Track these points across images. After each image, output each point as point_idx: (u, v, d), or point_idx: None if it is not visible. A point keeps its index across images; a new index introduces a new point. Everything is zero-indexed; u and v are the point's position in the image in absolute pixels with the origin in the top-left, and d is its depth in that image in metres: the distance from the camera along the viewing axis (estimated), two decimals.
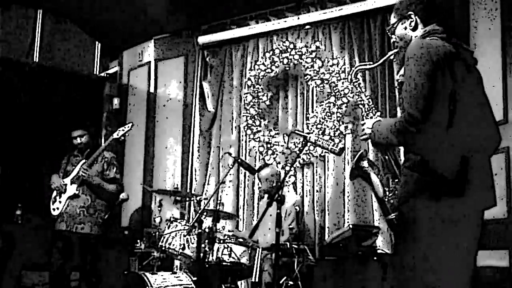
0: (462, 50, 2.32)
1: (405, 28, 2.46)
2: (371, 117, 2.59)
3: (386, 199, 2.41)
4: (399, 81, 2.44)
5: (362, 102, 2.59)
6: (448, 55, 2.20)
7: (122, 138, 4.94)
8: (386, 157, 2.43)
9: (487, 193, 2.21)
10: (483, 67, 2.45)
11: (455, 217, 2.12)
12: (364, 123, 2.45)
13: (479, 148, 2.19)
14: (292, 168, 5.60)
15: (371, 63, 2.90)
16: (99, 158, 4.96)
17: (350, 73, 2.76)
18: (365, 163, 2.62)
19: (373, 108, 2.58)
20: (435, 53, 2.17)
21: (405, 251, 2.20)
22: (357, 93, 2.69)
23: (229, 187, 6.12)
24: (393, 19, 2.52)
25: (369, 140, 2.42)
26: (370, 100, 2.68)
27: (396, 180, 2.39)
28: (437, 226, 2.11)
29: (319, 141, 3.14)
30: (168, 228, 4.63)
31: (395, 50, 2.57)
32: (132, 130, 5.01)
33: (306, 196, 5.60)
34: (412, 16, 2.43)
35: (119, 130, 4.94)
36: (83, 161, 4.87)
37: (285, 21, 5.99)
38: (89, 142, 5.08)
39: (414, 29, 2.43)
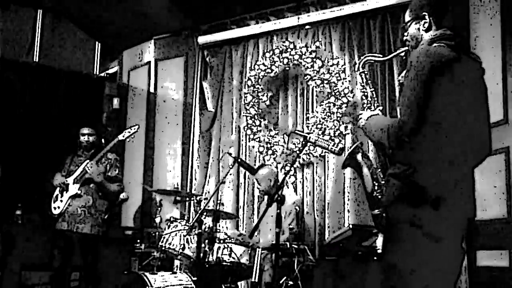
0: (469, 59, 2.29)
1: (418, 29, 2.41)
2: (372, 110, 2.56)
3: (375, 194, 2.44)
4: (401, 81, 2.43)
5: (366, 93, 2.57)
6: (450, 64, 2.18)
7: (128, 140, 4.95)
8: (380, 153, 2.43)
9: (467, 205, 2.22)
10: (483, 67, 2.45)
11: (435, 226, 2.14)
12: (362, 113, 2.45)
13: (466, 160, 2.20)
14: (292, 168, 5.60)
15: (381, 56, 2.85)
16: (103, 159, 4.96)
17: (358, 62, 2.71)
18: (359, 156, 2.63)
19: (376, 101, 2.55)
20: (437, 65, 2.16)
21: (390, 252, 2.26)
22: (362, 84, 2.65)
23: (229, 187, 6.12)
24: (407, 17, 2.47)
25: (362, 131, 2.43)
26: (374, 92, 2.63)
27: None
28: (417, 232, 2.14)
29: (319, 141, 3.13)
30: (168, 228, 4.62)
31: (405, 48, 2.54)
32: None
33: (306, 196, 5.60)
34: (426, 17, 2.38)
35: (125, 132, 4.95)
36: (87, 161, 4.88)
37: (285, 21, 5.99)
38: (95, 143, 5.10)
39: (427, 30, 2.39)
